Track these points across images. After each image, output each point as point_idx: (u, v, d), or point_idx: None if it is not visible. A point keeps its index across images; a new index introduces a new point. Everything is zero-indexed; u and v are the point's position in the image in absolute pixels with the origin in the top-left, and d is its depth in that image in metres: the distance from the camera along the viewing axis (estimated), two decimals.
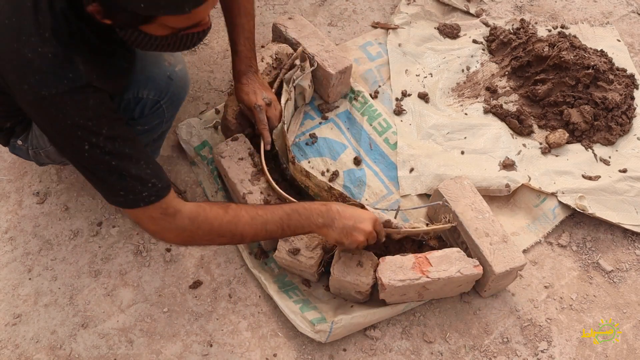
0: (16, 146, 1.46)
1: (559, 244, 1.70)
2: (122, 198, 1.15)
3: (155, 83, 1.36)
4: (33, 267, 1.59)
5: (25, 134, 1.42)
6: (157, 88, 1.37)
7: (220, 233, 1.23)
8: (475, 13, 2.22)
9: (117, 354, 1.47)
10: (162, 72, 1.37)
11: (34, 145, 1.44)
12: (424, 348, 1.51)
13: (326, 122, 1.87)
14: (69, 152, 1.14)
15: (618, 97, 1.86)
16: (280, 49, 1.82)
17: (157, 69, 1.37)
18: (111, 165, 1.11)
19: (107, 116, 1.11)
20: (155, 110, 1.41)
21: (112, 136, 1.10)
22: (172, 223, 1.19)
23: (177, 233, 1.21)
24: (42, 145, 1.43)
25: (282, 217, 1.28)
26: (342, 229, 1.32)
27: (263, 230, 1.26)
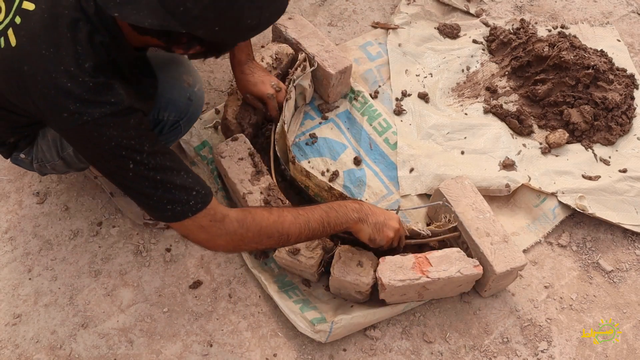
0: (19, 159, 1.47)
1: (559, 244, 1.70)
2: (170, 212, 1.14)
3: (175, 106, 1.39)
4: (33, 267, 1.59)
5: (28, 148, 1.43)
6: (177, 110, 1.39)
7: (269, 234, 1.24)
8: (475, 13, 2.22)
9: (117, 354, 1.47)
10: (183, 95, 1.39)
11: (39, 159, 1.44)
12: (424, 348, 1.51)
13: (326, 122, 1.87)
14: (114, 173, 1.14)
15: (618, 97, 1.86)
16: (280, 49, 1.82)
17: (177, 92, 1.38)
18: (156, 180, 1.12)
19: (147, 134, 1.13)
20: (174, 129, 1.44)
21: (153, 152, 1.11)
22: (222, 228, 1.19)
23: (228, 238, 1.20)
24: (48, 159, 1.43)
25: (322, 215, 1.31)
26: (374, 225, 1.37)
27: (306, 228, 1.28)
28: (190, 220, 1.16)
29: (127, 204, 1.66)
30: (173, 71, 1.40)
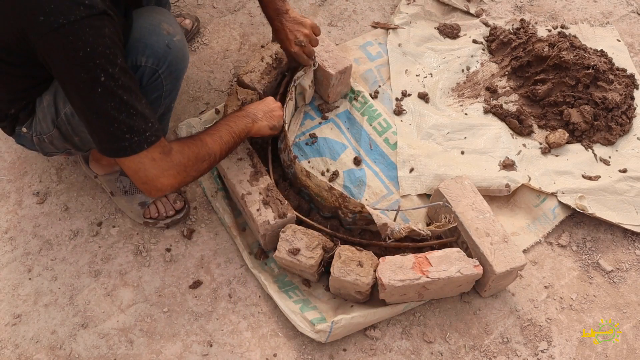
0: (21, 134, 1.45)
1: (559, 244, 1.70)
2: (127, 142, 1.14)
3: (153, 50, 1.35)
4: (33, 267, 1.59)
5: (29, 120, 1.41)
6: (155, 56, 1.35)
7: (202, 157, 1.32)
8: (475, 13, 2.22)
9: (117, 354, 1.47)
10: (161, 40, 1.35)
11: (37, 132, 1.42)
12: (424, 348, 1.51)
13: (326, 122, 1.87)
14: (81, 88, 1.11)
15: (618, 97, 1.86)
16: (281, 49, 1.82)
17: (155, 37, 1.35)
18: (122, 101, 1.11)
19: (120, 47, 1.12)
20: (154, 80, 1.39)
21: (124, 68, 1.11)
22: (170, 161, 1.23)
23: (174, 171, 1.25)
24: (45, 130, 1.41)
25: (228, 129, 1.43)
26: (264, 115, 1.53)
27: (222, 142, 1.40)
28: (145, 153, 1.17)
29: (127, 204, 1.66)
30: (152, 18, 1.37)
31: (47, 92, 1.36)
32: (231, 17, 2.15)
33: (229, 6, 2.19)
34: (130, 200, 1.65)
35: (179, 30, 1.41)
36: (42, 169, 1.77)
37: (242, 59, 2.04)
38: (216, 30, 2.11)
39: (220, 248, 1.65)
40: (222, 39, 2.08)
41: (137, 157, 1.18)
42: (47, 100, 1.36)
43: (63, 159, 1.79)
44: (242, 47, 2.07)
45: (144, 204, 1.64)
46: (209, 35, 2.09)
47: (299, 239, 1.48)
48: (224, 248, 1.65)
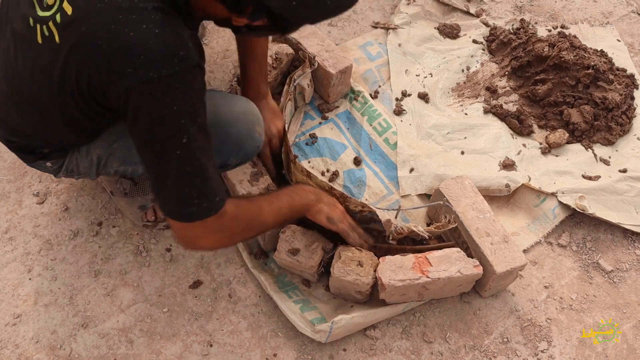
0: (43, 165, 1.38)
1: (559, 244, 1.70)
2: (195, 207, 1.06)
3: (245, 153, 1.36)
4: (33, 267, 1.59)
5: (59, 159, 1.36)
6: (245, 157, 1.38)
7: (252, 227, 1.22)
8: (475, 13, 2.22)
9: (117, 354, 1.47)
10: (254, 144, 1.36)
11: (69, 170, 1.37)
12: (424, 348, 1.51)
13: (326, 122, 1.87)
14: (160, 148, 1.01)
15: (618, 97, 1.86)
16: (281, 49, 1.82)
17: (250, 142, 1.34)
18: (200, 165, 1.02)
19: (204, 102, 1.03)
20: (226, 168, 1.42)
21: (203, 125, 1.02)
22: (220, 225, 1.12)
23: (221, 236, 1.16)
24: (81, 172, 1.38)
25: (289, 200, 1.33)
26: (328, 203, 1.42)
27: (279, 215, 1.29)
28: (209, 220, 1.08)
29: (127, 206, 1.65)
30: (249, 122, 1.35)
31: (98, 146, 1.31)
32: None
33: None
34: (130, 203, 1.64)
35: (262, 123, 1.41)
36: None
37: None
38: (216, 30, 2.11)
39: None
40: (222, 39, 2.08)
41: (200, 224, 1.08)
42: (98, 155, 1.32)
43: None
44: None
45: (144, 207, 1.64)
46: (209, 35, 2.09)
47: (298, 239, 1.48)
48: (224, 249, 1.65)
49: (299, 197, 1.36)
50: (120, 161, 1.34)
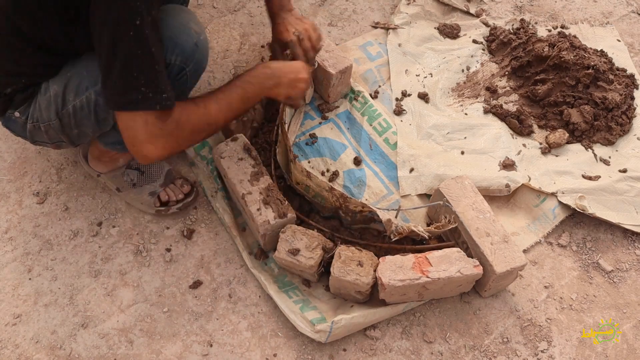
0: (12, 119, 1.40)
1: (559, 244, 1.70)
2: (140, 95, 1.13)
3: (182, 49, 1.34)
4: (33, 267, 1.59)
5: (25, 105, 1.38)
6: (183, 54, 1.34)
7: (200, 129, 1.28)
8: (475, 13, 2.22)
9: (117, 354, 1.47)
10: (190, 39, 1.35)
11: (34, 118, 1.38)
12: (424, 348, 1.51)
13: (326, 122, 1.87)
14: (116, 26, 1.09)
15: (618, 97, 1.86)
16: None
17: (184, 36, 1.34)
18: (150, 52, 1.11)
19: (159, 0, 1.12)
20: (180, 77, 1.38)
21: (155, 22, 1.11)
22: (163, 129, 1.19)
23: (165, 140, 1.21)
24: (44, 119, 1.38)
25: (240, 93, 1.36)
26: (288, 84, 1.45)
27: (229, 110, 1.34)
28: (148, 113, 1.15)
29: (136, 196, 1.66)
30: (182, 18, 1.37)
31: (55, 81, 1.34)
32: (231, 17, 2.15)
33: (229, 6, 2.19)
34: (140, 192, 1.65)
35: (203, 29, 1.41)
36: (42, 169, 1.77)
37: (242, 59, 2.04)
38: (216, 30, 2.11)
39: (220, 248, 1.65)
40: (222, 39, 2.08)
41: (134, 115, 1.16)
42: (55, 90, 1.34)
43: (63, 159, 1.79)
44: (242, 47, 2.07)
45: (154, 193, 1.65)
46: (209, 35, 2.09)
47: (298, 239, 1.48)
48: (224, 248, 1.65)
49: (252, 86, 1.38)
50: (75, 91, 1.33)
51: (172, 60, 1.33)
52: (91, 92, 1.33)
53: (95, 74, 1.28)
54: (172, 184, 1.68)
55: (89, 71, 1.32)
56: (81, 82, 1.33)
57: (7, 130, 1.47)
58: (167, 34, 1.29)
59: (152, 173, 1.67)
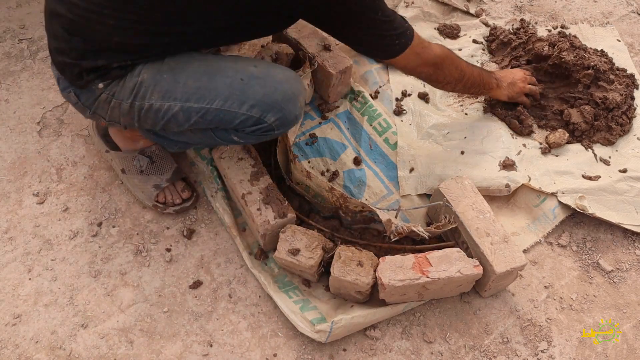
0: (91, 89, 1.35)
1: (559, 244, 1.70)
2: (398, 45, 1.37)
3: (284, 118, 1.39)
4: (33, 267, 1.59)
5: (114, 81, 1.34)
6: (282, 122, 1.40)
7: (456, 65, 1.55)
8: (475, 13, 2.22)
9: (117, 354, 1.47)
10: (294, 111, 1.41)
11: (112, 92, 1.35)
12: (424, 348, 1.51)
13: (326, 122, 1.87)
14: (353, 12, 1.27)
15: (619, 97, 1.86)
16: (280, 49, 1.82)
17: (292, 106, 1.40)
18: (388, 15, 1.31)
19: None
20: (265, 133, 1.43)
21: None
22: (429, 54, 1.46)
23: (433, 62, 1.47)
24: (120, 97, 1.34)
25: (482, 75, 1.68)
26: (508, 86, 1.80)
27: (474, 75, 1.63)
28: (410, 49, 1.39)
29: (140, 184, 1.66)
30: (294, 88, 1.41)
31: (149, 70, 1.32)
32: None
33: None
34: (145, 181, 1.65)
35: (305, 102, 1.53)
36: (42, 169, 1.77)
37: None
38: None
39: (220, 248, 1.65)
40: None
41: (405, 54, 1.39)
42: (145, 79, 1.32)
43: (63, 159, 1.79)
44: (242, 47, 2.06)
45: (158, 187, 1.65)
46: None
47: (298, 239, 1.48)
48: (224, 248, 1.65)
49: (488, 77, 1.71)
50: (161, 94, 1.33)
51: (269, 121, 1.38)
52: (177, 105, 1.34)
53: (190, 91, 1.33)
54: (172, 186, 1.67)
55: (185, 85, 1.33)
56: (172, 90, 1.33)
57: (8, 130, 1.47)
58: (276, 97, 1.35)
59: (163, 165, 1.66)
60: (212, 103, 1.35)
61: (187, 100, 1.34)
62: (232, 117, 1.37)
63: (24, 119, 1.88)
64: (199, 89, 1.34)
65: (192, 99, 1.34)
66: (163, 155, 1.67)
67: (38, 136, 1.84)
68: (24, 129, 1.86)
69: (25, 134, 1.85)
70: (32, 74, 2.00)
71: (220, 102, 1.35)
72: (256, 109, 1.35)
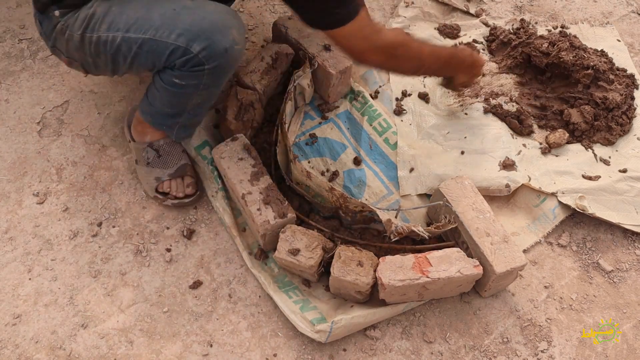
0: (49, 15, 1.40)
1: (559, 244, 1.70)
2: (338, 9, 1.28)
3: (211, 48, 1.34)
4: (33, 267, 1.59)
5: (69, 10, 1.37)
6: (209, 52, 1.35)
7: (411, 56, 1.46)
8: (475, 13, 2.22)
9: (117, 354, 1.47)
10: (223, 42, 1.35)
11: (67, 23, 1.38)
12: (424, 348, 1.51)
13: (326, 122, 1.87)
14: None
15: (619, 97, 1.86)
16: (280, 49, 1.82)
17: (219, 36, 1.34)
18: None
19: None
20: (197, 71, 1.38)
21: None
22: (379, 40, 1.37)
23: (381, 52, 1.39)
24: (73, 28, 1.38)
25: (446, 57, 1.63)
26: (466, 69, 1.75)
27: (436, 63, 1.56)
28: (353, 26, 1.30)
29: (146, 175, 1.69)
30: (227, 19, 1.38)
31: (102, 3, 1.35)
32: None
33: None
34: (149, 173, 1.68)
35: (244, 41, 1.43)
36: (42, 169, 1.77)
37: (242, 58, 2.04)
38: None
39: (220, 248, 1.65)
40: None
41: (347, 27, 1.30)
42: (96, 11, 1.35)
43: (63, 159, 1.79)
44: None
45: (159, 179, 1.68)
46: None
47: (298, 239, 1.48)
48: (224, 248, 1.65)
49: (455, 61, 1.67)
50: (108, 25, 1.35)
51: (195, 51, 1.34)
52: (119, 35, 1.35)
53: (131, 21, 1.33)
54: (180, 179, 1.69)
55: (128, 15, 1.34)
56: (116, 21, 1.35)
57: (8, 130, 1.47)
58: (203, 24, 1.32)
59: (168, 160, 1.69)
60: (147, 32, 1.34)
61: (127, 31, 1.34)
62: (163, 47, 1.34)
63: (24, 119, 1.88)
64: (138, 20, 1.34)
65: (132, 29, 1.34)
66: (170, 151, 1.69)
67: (38, 136, 1.84)
68: (24, 129, 1.86)
69: (25, 134, 1.85)
70: (32, 74, 2.00)
71: (152, 32, 1.33)
72: (183, 37, 1.32)
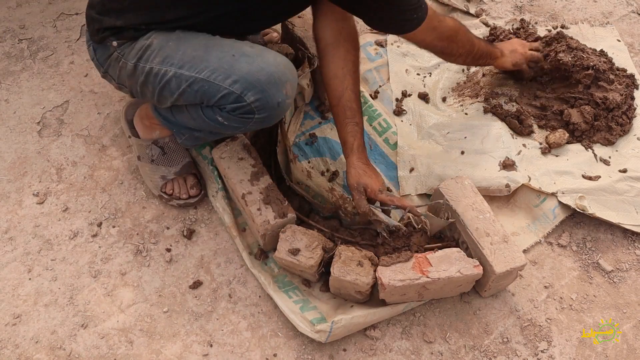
0: (107, 45, 1.43)
1: (559, 244, 1.70)
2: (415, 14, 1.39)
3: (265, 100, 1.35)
4: (33, 267, 1.59)
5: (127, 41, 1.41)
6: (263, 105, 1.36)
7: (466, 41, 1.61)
8: (475, 13, 2.23)
9: (117, 354, 1.47)
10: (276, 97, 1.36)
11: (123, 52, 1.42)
12: (424, 348, 1.51)
13: (326, 122, 1.87)
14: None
15: (619, 97, 1.86)
16: (280, 49, 1.82)
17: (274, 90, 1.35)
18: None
19: None
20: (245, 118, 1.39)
21: None
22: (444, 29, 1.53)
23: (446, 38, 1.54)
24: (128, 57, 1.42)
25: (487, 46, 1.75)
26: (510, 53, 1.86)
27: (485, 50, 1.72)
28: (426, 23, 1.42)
29: (150, 172, 1.69)
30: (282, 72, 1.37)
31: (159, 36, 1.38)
32: None
33: None
34: (154, 171, 1.68)
35: (295, 94, 1.46)
36: (42, 169, 1.77)
37: None
38: None
39: (220, 248, 1.65)
40: None
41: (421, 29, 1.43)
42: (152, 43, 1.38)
43: (63, 159, 1.79)
44: None
45: (165, 178, 1.68)
46: None
47: (298, 239, 1.48)
48: (224, 248, 1.65)
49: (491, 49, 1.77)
50: (161, 58, 1.37)
51: (249, 100, 1.34)
52: (172, 70, 1.37)
53: (186, 58, 1.36)
54: (182, 180, 1.69)
55: (184, 52, 1.37)
56: (171, 56, 1.37)
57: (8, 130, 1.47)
58: (261, 76, 1.32)
59: (173, 158, 1.69)
60: (201, 73, 1.35)
61: (181, 67, 1.36)
62: (216, 90, 1.35)
63: (24, 119, 1.88)
64: (194, 58, 1.35)
65: (186, 66, 1.36)
66: (175, 149, 1.70)
67: (38, 136, 1.85)
68: (24, 129, 1.86)
69: (25, 134, 1.85)
70: (32, 74, 2.00)
71: (207, 73, 1.35)
72: (238, 84, 1.33)
